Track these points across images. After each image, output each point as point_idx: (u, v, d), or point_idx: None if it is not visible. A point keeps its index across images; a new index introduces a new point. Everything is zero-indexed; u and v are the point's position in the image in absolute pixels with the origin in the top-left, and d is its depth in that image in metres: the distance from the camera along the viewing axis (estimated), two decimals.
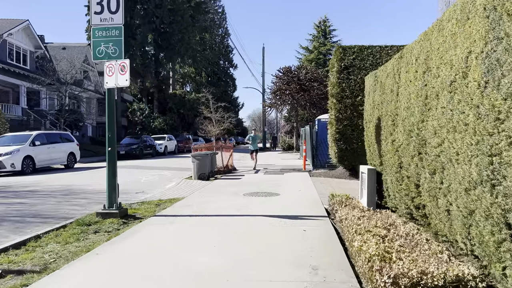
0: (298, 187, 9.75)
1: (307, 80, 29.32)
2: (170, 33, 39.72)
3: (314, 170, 14.34)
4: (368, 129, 7.00)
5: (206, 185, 10.50)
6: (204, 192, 9.08)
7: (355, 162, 12.00)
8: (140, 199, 8.55)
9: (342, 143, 11.88)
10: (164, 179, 12.80)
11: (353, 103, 11.86)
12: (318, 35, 52.34)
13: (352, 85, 11.94)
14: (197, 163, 11.61)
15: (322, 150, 14.77)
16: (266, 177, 12.29)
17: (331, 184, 10.43)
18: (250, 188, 9.43)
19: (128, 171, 15.68)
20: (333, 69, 12.61)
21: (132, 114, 39.10)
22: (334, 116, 12.03)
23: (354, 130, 11.80)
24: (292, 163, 18.67)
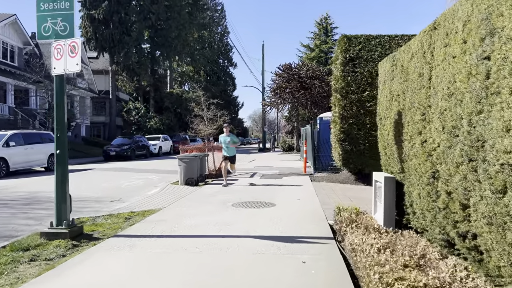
0: (297, 194, 8.43)
1: (308, 77, 28.00)
2: (167, 30, 38.43)
3: (315, 173, 13.02)
4: (383, 127, 5.68)
5: (192, 192, 9.18)
6: (186, 201, 7.76)
7: (361, 165, 10.69)
8: (111, 210, 7.26)
9: (347, 144, 10.56)
10: (149, 184, 11.50)
11: (360, 99, 10.54)
12: (320, 32, 51.11)
13: (358, 79, 10.62)
14: (184, 166, 10.30)
15: (324, 152, 13.44)
16: (262, 182, 10.97)
17: (335, 191, 9.11)
18: (242, 196, 8.11)
19: (112, 174, 14.38)
20: (336, 61, 11.29)
21: (128, 113, 37.83)
22: (338, 114, 10.71)
23: (361, 129, 10.49)
24: (291, 165, 17.34)
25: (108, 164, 19.50)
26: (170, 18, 37.77)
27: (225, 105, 57.32)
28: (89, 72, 37.32)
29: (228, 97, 56.86)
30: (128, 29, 36.17)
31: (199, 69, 53.35)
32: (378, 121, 6.21)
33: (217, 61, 56.48)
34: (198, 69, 53.20)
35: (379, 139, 6.19)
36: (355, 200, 7.72)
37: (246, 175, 12.80)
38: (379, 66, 6.19)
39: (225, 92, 55.75)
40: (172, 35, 38.36)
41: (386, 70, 5.46)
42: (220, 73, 55.95)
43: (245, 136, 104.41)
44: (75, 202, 8.29)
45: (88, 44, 36.19)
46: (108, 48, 35.86)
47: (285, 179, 11.64)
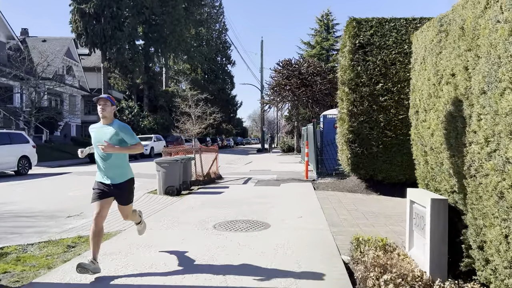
0: (298, 209, 6.79)
1: (309, 74, 26.37)
2: (161, 25, 36.79)
3: (319, 179, 11.39)
4: (421, 123, 4.02)
5: (171, 204, 7.55)
6: (158, 219, 6.12)
7: (373, 171, 9.06)
8: (61, 231, 5.68)
9: (357, 146, 8.93)
10: None
11: (372, 92, 8.92)
12: (321, 29, 49.48)
13: (370, 69, 9.00)
14: (163, 172, 8.66)
15: (328, 154, 11.81)
16: (257, 190, 9.34)
17: (343, 203, 7.47)
18: (229, 212, 6.48)
19: (88, 179, 12.74)
20: (344, 48, 9.67)
21: (120, 112, 36.10)
22: (347, 110, 9.08)
23: (373, 128, 8.86)
24: (291, 168, 15.70)
25: (89, 167, 17.87)
26: (165, 13, 36.14)
27: (223, 104, 55.75)
28: (79, 69, 35.72)
29: (226, 96, 55.26)
30: (121, 24, 34.51)
31: (196, 67, 51.73)
32: (413, 115, 4.56)
33: (215, 59, 54.84)
34: (195, 67, 51.58)
35: (413, 141, 4.54)
36: (371, 218, 6.09)
37: (239, 181, 11.16)
38: (413, 38, 4.53)
39: (223, 90, 54.12)
40: (167, 31, 36.73)
41: (428, 41, 3.80)
42: (218, 71, 54.31)
43: (245, 136, 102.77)
44: (20, 219, 6.71)
45: (78, 39, 34.58)
46: (100, 44, 34.21)
47: (284, 187, 10.00)
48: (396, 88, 8.84)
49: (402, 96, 8.81)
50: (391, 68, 8.96)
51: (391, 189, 9.11)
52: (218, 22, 55.77)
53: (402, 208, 7.20)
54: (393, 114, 8.77)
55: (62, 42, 32.92)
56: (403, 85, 8.84)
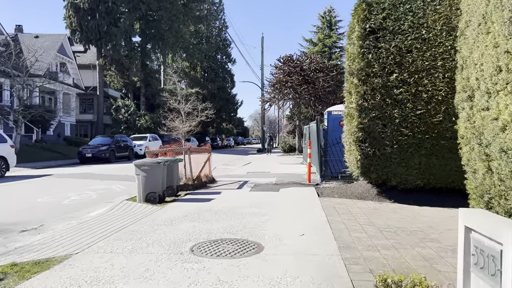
0: (300, 222, 5.59)
1: (311, 70, 25.15)
2: (158, 21, 35.62)
3: (323, 183, 10.18)
4: (480, 113, 2.80)
5: (148, 214, 6.36)
6: (124, 238, 4.93)
7: (387, 175, 7.86)
8: (5, 251, 4.50)
9: (368, 146, 7.73)
10: (103, 198, 8.71)
11: (385, 84, 7.72)
12: (323, 26, 48.26)
13: (382, 57, 7.80)
14: (144, 177, 7.47)
15: (334, 155, 10.60)
16: (252, 197, 8.14)
17: (354, 215, 6.26)
18: (215, 227, 5.29)
19: (69, 182, 11.58)
20: (352, 34, 8.46)
21: (116, 111, 34.99)
22: (356, 105, 7.87)
23: (387, 125, 7.66)
24: (292, 170, 14.50)
25: (75, 169, 16.70)
26: (162, 8, 34.96)
27: (223, 103, 54.55)
28: (74, 66, 34.59)
29: (226, 95, 54.07)
30: (116, 20, 33.40)
31: (196, 65, 50.55)
32: (462, 102, 3.34)
33: (215, 57, 53.63)
34: (194, 65, 50.40)
35: (463, 140, 3.32)
36: (391, 235, 4.88)
37: (233, 186, 9.97)
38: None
39: (223, 89, 52.92)
40: (165, 27, 35.56)
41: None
42: (217, 69, 53.10)
43: (246, 136, 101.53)
44: None
45: (73, 35, 33.48)
46: (95, 40, 33.11)
47: (283, 192, 8.79)
48: (413, 79, 7.63)
49: (420, 88, 7.61)
50: (407, 56, 7.76)
51: (407, 196, 7.91)
52: (218, 19, 54.59)
53: (424, 221, 6.00)
54: (410, 109, 7.57)
55: (55, 38, 31.79)
56: (421, 75, 7.64)
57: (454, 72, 8.01)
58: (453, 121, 7.63)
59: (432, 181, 7.82)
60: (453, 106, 7.85)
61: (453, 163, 7.61)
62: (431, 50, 7.73)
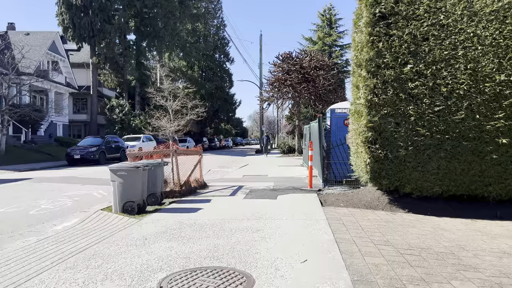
0: (301, 242, 4.59)
1: (311, 68, 24.15)
2: (154, 18, 34.64)
3: (325, 188, 9.17)
4: None
5: (119, 230, 5.35)
6: (77, 265, 3.92)
7: (400, 180, 6.86)
8: None
9: (379, 148, 6.73)
10: (78, 206, 7.71)
11: (398, 76, 6.73)
12: (323, 24, 47.40)
13: (395, 46, 6.81)
14: (121, 183, 6.46)
15: (337, 157, 9.60)
16: (245, 206, 7.12)
17: (366, 230, 5.25)
18: (195, 250, 4.28)
19: (45, 187, 10.56)
20: (359, 21, 7.47)
21: (110, 111, 33.92)
22: (365, 100, 6.86)
23: (401, 124, 6.67)
24: (292, 172, 13.50)
25: (60, 171, 15.68)
26: (157, 5, 33.98)
27: (221, 103, 53.52)
28: (66, 65, 33.55)
29: (224, 94, 53.06)
30: (110, 17, 32.38)
31: (193, 64, 49.52)
32: None
33: (213, 56, 52.60)
34: (191, 64, 49.36)
35: None
36: (416, 261, 3.87)
37: (226, 191, 8.95)
38: None
39: (221, 89, 51.89)
40: (160, 24, 34.57)
41: None
42: (215, 69, 52.06)
43: (245, 136, 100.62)
44: None
45: (65, 33, 32.47)
46: (88, 37, 32.09)
47: (281, 199, 7.78)
48: (431, 71, 6.64)
49: (438, 82, 6.61)
50: (423, 45, 6.76)
51: (423, 205, 6.92)
52: (216, 17, 53.54)
53: (450, 238, 4.80)
54: (427, 105, 6.57)
55: (46, 35, 30.77)
56: (439, 66, 6.65)
57: (477, 62, 7.06)
58: (478, 119, 6.67)
59: (452, 188, 6.83)
60: (477, 101, 6.92)
61: (477, 168, 6.63)
62: (451, 38, 6.74)
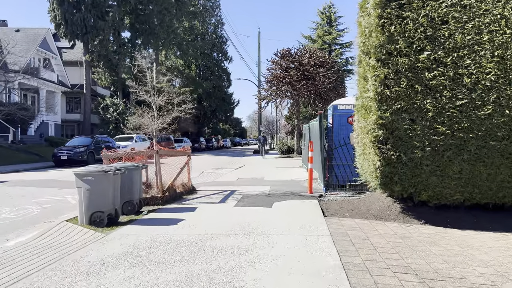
0: (300, 270, 3.61)
1: (311, 65, 23.16)
2: (149, 15, 33.64)
3: (328, 194, 8.19)
4: None
5: (75, 250, 4.37)
6: None
7: (415, 186, 5.88)
8: None
9: (391, 148, 5.75)
10: (45, 215, 6.72)
11: (413, 65, 5.76)
12: (323, 22, 46.44)
13: (409, 30, 5.85)
14: (87, 190, 5.48)
15: (340, 159, 8.62)
16: (235, 216, 6.14)
17: (380, 251, 4.27)
18: (162, 281, 3.31)
19: (16, 191, 9.55)
20: (366, 3, 6.50)
21: (104, 110, 32.89)
22: (374, 93, 5.89)
23: (416, 121, 5.71)
24: (290, 175, 12.51)
25: (41, 173, 14.68)
26: (152, 2, 32.96)
27: (219, 102, 52.45)
28: (59, 63, 32.55)
29: (222, 94, 52.03)
30: (104, 13, 31.36)
31: (190, 63, 48.50)
32: None
33: (211, 55, 51.56)
34: (189, 62, 48.34)
35: None
36: None
37: (216, 197, 7.97)
38: None
39: (219, 88, 50.85)
40: (155, 21, 33.57)
41: None
42: (213, 68, 51.01)
43: (243, 137, 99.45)
44: None
45: (57, 30, 31.43)
46: (81, 34, 31.04)
47: (277, 208, 6.79)
48: (451, 59, 5.68)
49: (460, 71, 5.65)
50: (442, 29, 5.80)
51: (441, 215, 5.96)
52: (214, 15, 52.55)
53: (485, 261, 3.80)
54: (447, 98, 5.61)
55: (37, 32, 29.76)
56: (461, 53, 5.68)
57: (506, 49, 6.10)
58: (508, 114, 5.70)
59: (476, 196, 5.86)
60: (507, 94, 5.95)
61: (506, 172, 5.66)
62: (474, 21, 5.78)
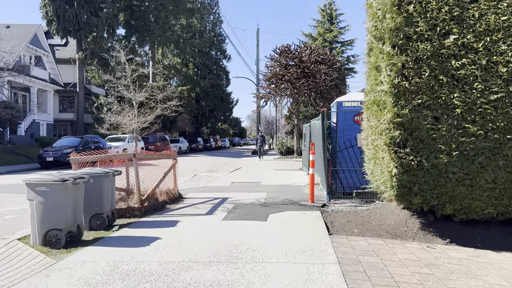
0: None
1: (311, 62, 22.17)
2: (144, 11, 32.64)
3: (332, 203, 7.18)
4: None
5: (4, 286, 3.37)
6: None
7: (439, 198, 4.85)
8: None
9: (410, 152, 4.75)
10: None
11: (437, 51, 4.76)
12: (323, 20, 45.41)
13: (431, 10, 4.86)
14: (41, 204, 4.50)
15: (346, 162, 7.62)
16: (223, 234, 5.15)
17: (404, 285, 3.26)
18: None
19: None
20: None
21: (98, 110, 31.82)
22: (389, 86, 4.88)
23: (441, 119, 4.71)
24: (289, 179, 11.51)
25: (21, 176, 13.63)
26: None
27: (217, 101, 51.42)
28: (51, 60, 31.55)
29: (221, 93, 51.04)
30: (97, 9, 30.35)
31: (188, 61, 47.47)
32: None
33: (209, 53, 50.55)
34: (186, 61, 47.31)
35: None
36: None
37: (204, 206, 6.97)
38: None
39: (217, 87, 49.83)
40: (150, 18, 32.57)
41: None
42: (211, 66, 50.00)
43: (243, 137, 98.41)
44: None
45: (49, 26, 30.42)
46: (73, 31, 30.04)
47: (273, 222, 5.79)
48: (483, 44, 4.68)
49: (495, 58, 4.66)
50: (471, 8, 4.81)
51: (469, 232, 4.97)
52: (212, 13, 51.57)
53: None
54: (479, 91, 4.61)
55: (28, 28, 28.76)
56: (495, 37, 4.69)
57: None
58: None
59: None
60: None
61: None
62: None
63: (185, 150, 34.73)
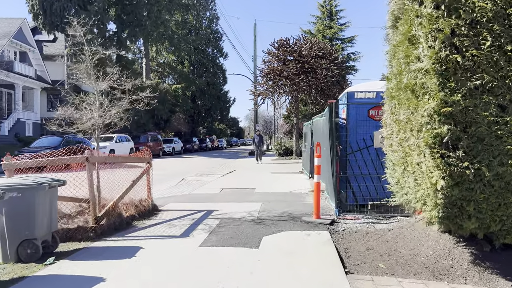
0: None
1: (311, 57, 20.73)
2: (136, 5, 31.15)
3: (342, 219, 5.73)
4: None
5: None
6: None
7: (502, 222, 3.39)
8: None
9: (465, 156, 3.27)
10: None
11: (501, 13, 3.28)
12: (323, 16, 43.97)
13: None
14: None
15: (359, 167, 6.16)
16: (195, 274, 3.70)
17: None
18: None
19: None
20: None
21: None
22: (434, 61, 3.38)
23: (509, 109, 3.21)
24: (288, 185, 10.03)
25: None
26: None
27: (213, 100, 49.99)
28: (37, 56, 30.01)
29: (217, 92, 49.57)
30: (86, 3, 28.86)
31: (183, 58, 46.00)
32: None
33: (205, 51, 49.09)
34: (181, 58, 45.84)
35: None
36: None
37: (182, 223, 5.50)
38: None
39: (214, 85, 48.36)
40: (142, 12, 31.08)
41: None
42: (208, 64, 48.51)
43: (241, 137, 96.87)
44: None
45: (35, 20, 28.92)
46: (61, 26, 28.51)
47: (266, 250, 4.34)
48: None
49: None
50: None
51: None
52: (208, 9, 50.09)
53: None
54: None
55: (11, 22, 27.22)
56: None
57: None
58: None
59: None
60: None
61: None
62: None
63: (179, 151, 33.29)
